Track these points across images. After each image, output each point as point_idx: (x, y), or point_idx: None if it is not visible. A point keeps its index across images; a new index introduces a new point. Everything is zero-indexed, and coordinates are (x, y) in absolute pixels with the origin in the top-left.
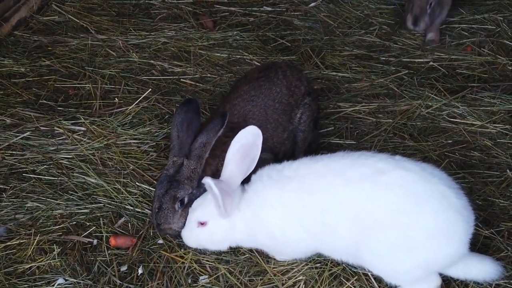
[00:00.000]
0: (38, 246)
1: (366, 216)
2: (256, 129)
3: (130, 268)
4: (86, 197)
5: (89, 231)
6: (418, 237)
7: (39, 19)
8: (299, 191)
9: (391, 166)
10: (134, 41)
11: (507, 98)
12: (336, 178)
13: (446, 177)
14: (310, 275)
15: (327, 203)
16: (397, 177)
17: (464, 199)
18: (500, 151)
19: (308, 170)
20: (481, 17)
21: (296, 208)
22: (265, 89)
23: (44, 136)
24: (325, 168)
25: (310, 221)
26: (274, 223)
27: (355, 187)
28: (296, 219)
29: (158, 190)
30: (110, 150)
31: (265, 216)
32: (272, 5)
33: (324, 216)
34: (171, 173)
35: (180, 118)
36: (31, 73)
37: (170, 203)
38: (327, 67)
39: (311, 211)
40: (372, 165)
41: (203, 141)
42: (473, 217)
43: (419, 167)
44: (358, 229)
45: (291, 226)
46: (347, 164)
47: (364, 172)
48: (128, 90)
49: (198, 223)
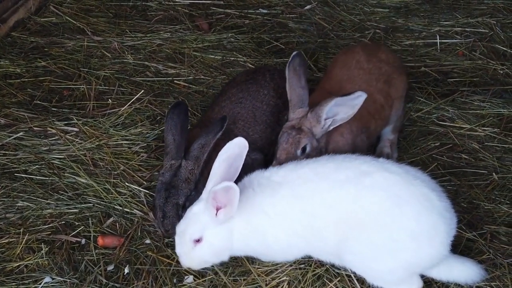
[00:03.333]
0: (26, 245)
1: (351, 217)
2: (243, 140)
3: (116, 268)
4: (76, 197)
5: (78, 231)
6: (401, 238)
7: (37, 20)
8: (289, 197)
9: (375, 168)
10: (130, 43)
11: (497, 102)
12: (322, 182)
13: (429, 180)
14: (293, 276)
15: (315, 207)
16: (380, 179)
17: (446, 202)
18: (487, 154)
19: (296, 175)
20: (474, 21)
21: (288, 213)
22: (253, 91)
23: (37, 136)
24: (312, 172)
25: (301, 225)
26: (268, 229)
27: (341, 190)
28: (288, 225)
29: (158, 200)
30: (101, 150)
31: (258, 223)
32: (268, 8)
33: (314, 219)
34: (167, 179)
35: (174, 122)
36: (26, 74)
37: (174, 210)
38: (320, 70)
39: (302, 215)
40: (356, 168)
41: (202, 143)
42: (455, 220)
43: (402, 169)
44: (343, 230)
45: (284, 232)
46: (332, 167)
47: (349, 175)
48: (122, 91)
49: (193, 241)
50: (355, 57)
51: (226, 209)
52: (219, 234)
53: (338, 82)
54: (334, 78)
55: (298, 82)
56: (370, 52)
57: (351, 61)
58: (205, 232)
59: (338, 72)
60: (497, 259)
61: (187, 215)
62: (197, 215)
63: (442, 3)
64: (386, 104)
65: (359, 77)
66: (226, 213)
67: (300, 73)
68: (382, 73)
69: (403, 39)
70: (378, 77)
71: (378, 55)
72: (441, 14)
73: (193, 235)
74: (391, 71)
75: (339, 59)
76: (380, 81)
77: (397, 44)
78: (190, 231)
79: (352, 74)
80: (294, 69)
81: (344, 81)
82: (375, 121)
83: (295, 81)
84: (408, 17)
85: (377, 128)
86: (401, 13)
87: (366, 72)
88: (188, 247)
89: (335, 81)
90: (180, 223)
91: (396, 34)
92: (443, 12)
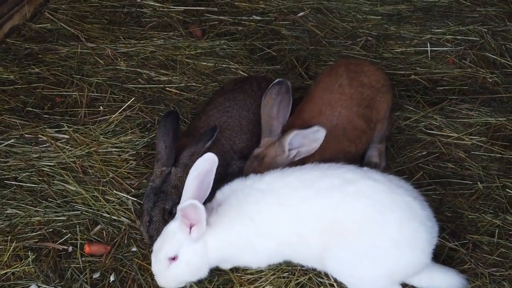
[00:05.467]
0: (14, 253)
1: (335, 225)
2: (212, 156)
3: (102, 275)
4: (65, 205)
5: (65, 238)
6: (383, 246)
7: (32, 26)
8: (275, 204)
9: (359, 176)
10: (123, 50)
11: (485, 111)
12: (307, 190)
13: (412, 189)
14: (277, 285)
15: (301, 215)
16: (364, 187)
17: (428, 210)
18: (473, 163)
19: (282, 183)
20: (465, 29)
21: (274, 220)
22: (240, 100)
23: (28, 143)
24: (297, 180)
25: (286, 233)
26: (253, 237)
27: (325, 198)
28: (274, 232)
29: (146, 204)
30: (91, 158)
31: (243, 230)
32: (262, 14)
33: (299, 227)
34: (157, 185)
35: (166, 129)
36: (20, 80)
37: (160, 215)
38: (311, 77)
39: (288, 223)
40: (341, 176)
41: (192, 151)
42: (437, 228)
43: (385, 178)
44: (327, 237)
45: (270, 240)
46: (317, 175)
47: (334, 183)
48: (113, 98)
49: (169, 259)
50: (338, 81)
51: (197, 227)
52: (194, 252)
53: (318, 105)
54: (315, 101)
55: (270, 111)
56: (353, 76)
57: (334, 85)
58: (180, 250)
59: (320, 94)
60: (478, 268)
61: (163, 233)
62: (172, 233)
63: (435, 10)
64: (368, 127)
65: (339, 103)
66: (197, 230)
67: (275, 103)
68: (364, 98)
69: (394, 47)
70: (360, 102)
71: (361, 79)
72: (433, 22)
73: (168, 253)
74: (374, 94)
75: (322, 80)
76: (361, 107)
77: (388, 51)
78: (165, 249)
79: (333, 99)
80: (269, 98)
81: (324, 105)
82: (355, 145)
83: (267, 109)
84: (400, 24)
85: (359, 151)
86: (394, 21)
87: (348, 97)
88: (163, 266)
89: (315, 104)
90: (157, 241)
91: (388, 41)
92: (435, 19)
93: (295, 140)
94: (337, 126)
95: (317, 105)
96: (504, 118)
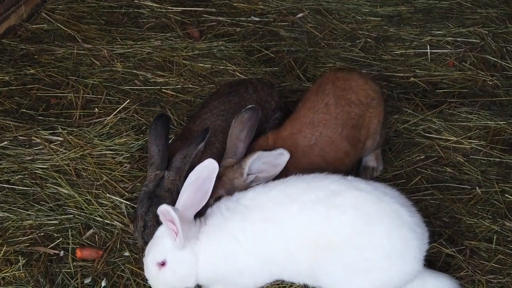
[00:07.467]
0: (4, 257)
1: (322, 239)
2: (213, 162)
3: (94, 281)
4: (57, 208)
5: (57, 242)
6: (373, 257)
7: (28, 27)
8: (260, 221)
9: (344, 187)
10: (120, 51)
11: (484, 114)
12: (292, 204)
13: (399, 195)
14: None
15: (287, 230)
16: (350, 198)
17: (417, 217)
18: (472, 167)
19: (266, 198)
20: (466, 31)
21: (260, 238)
22: (234, 104)
23: (21, 145)
24: (282, 194)
25: (273, 250)
26: (238, 256)
27: (311, 211)
28: (260, 250)
29: (140, 209)
30: (85, 160)
31: (229, 249)
32: (260, 15)
33: (286, 242)
34: (151, 189)
35: (157, 133)
36: (15, 81)
37: (154, 220)
38: (309, 79)
39: (274, 239)
40: (326, 187)
41: (184, 154)
42: (427, 234)
43: (371, 186)
44: (315, 251)
45: (256, 258)
46: (302, 188)
47: (319, 195)
48: (109, 100)
49: (157, 264)
50: (324, 100)
51: (178, 234)
52: (182, 259)
53: (300, 124)
54: (299, 119)
55: (239, 134)
56: (340, 94)
57: (320, 104)
58: (167, 256)
59: (305, 113)
60: (475, 275)
61: (153, 237)
62: (160, 238)
63: (435, 12)
64: (353, 149)
65: (322, 123)
66: (178, 237)
67: (245, 126)
68: (351, 117)
69: (394, 49)
70: (346, 122)
71: (348, 97)
72: (433, 23)
73: (156, 257)
74: (363, 111)
75: (309, 99)
76: (347, 127)
77: (387, 53)
78: (153, 253)
79: (316, 118)
80: (241, 121)
81: (306, 124)
82: (334, 168)
83: (236, 131)
84: (400, 26)
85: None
86: (394, 22)
87: (332, 118)
88: (153, 270)
89: (299, 123)
90: (148, 246)
91: (387, 43)
92: (436, 21)
93: (254, 165)
94: (314, 146)
95: (299, 124)
96: (504, 121)
